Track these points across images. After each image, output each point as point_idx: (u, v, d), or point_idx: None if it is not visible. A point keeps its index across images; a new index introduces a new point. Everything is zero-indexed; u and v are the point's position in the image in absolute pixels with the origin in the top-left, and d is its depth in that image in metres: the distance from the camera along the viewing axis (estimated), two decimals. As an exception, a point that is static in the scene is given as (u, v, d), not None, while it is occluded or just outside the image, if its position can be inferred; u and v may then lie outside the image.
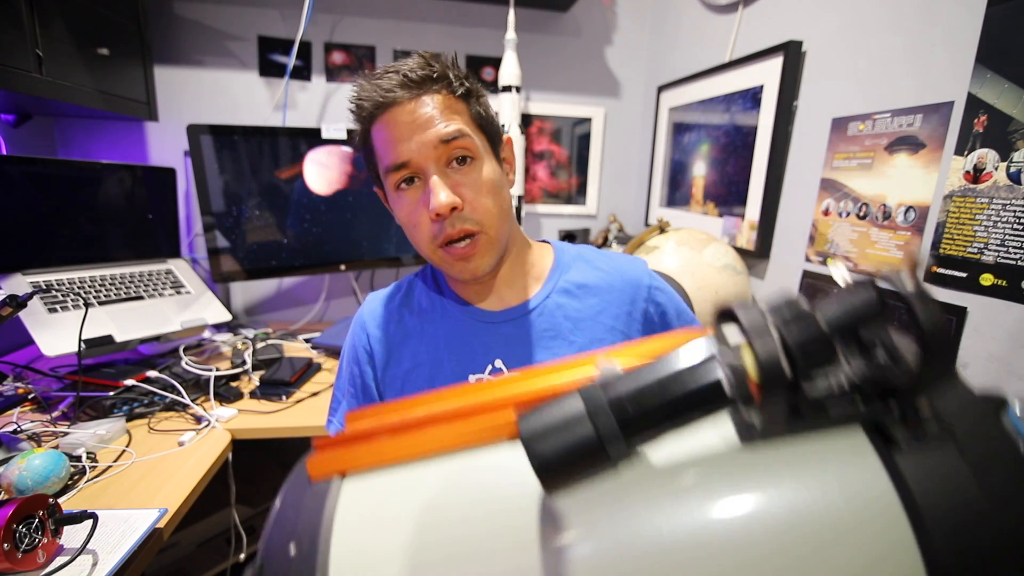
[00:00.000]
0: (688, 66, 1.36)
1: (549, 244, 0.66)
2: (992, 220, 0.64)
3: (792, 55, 0.96)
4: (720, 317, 0.23)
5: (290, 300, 1.56)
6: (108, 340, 0.98)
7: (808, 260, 0.95)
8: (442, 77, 0.56)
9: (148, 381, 0.93)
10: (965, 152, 0.67)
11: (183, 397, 0.92)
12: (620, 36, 1.62)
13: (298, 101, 1.48)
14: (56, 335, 0.91)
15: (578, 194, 1.71)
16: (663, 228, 1.14)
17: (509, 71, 1.37)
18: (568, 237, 1.68)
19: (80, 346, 0.88)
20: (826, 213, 0.91)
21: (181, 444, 0.80)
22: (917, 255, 0.75)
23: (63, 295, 1.00)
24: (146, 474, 0.73)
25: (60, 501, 0.58)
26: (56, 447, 0.74)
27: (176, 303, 1.16)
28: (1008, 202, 0.62)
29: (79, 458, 0.72)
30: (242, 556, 1.02)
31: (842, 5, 0.88)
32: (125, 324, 1.03)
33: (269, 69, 1.44)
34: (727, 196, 1.19)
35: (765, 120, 1.04)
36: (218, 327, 1.28)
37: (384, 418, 0.28)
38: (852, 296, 0.22)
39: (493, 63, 1.55)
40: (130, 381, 0.91)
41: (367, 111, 0.56)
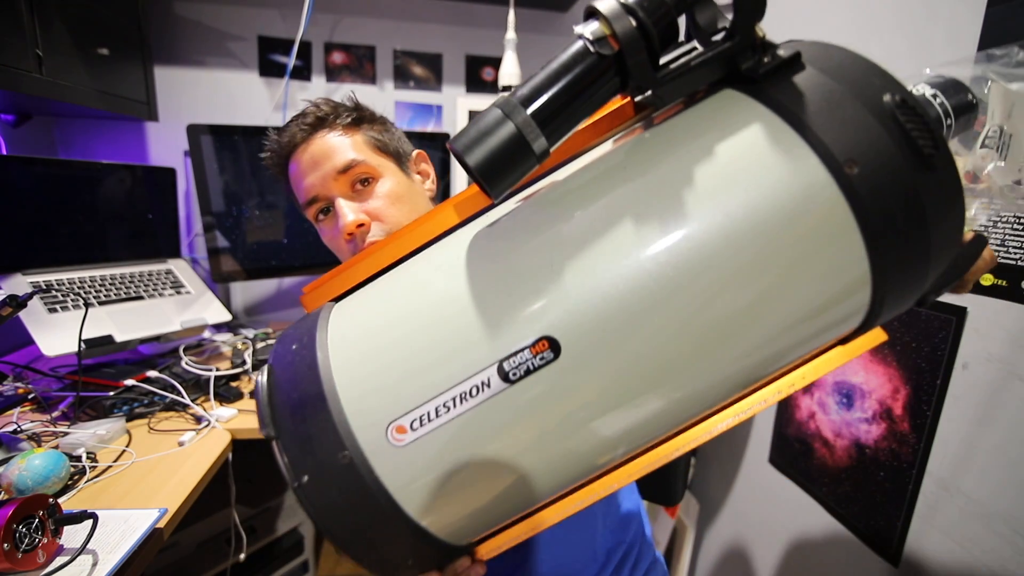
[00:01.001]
0: (688, 66, 1.36)
1: None
2: (992, 220, 0.64)
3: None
4: (588, 16, 0.27)
5: (290, 300, 1.56)
6: (108, 340, 0.98)
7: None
8: (330, 114, 0.63)
9: (148, 381, 0.93)
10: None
11: (183, 397, 0.92)
12: (620, 36, 1.62)
13: (298, 101, 1.47)
14: (56, 335, 0.91)
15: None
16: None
17: (509, 71, 1.37)
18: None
19: (80, 346, 0.88)
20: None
21: (181, 444, 0.80)
22: None
23: (63, 295, 1.00)
24: (146, 474, 0.73)
25: (60, 501, 0.58)
26: (56, 447, 0.74)
27: (176, 303, 1.16)
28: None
29: (79, 458, 0.72)
30: (242, 556, 1.01)
31: (842, 5, 0.88)
32: (125, 324, 1.03)
33: (269, 69, 1.44)
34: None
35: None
36: (218, 327, 1.28)
37: (340, 273, 0.37)
38: None
39: (493, 63, 1.55)
40: (130, 381, 0.91)
41: (276, 161, 0.65)
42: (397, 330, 0.29)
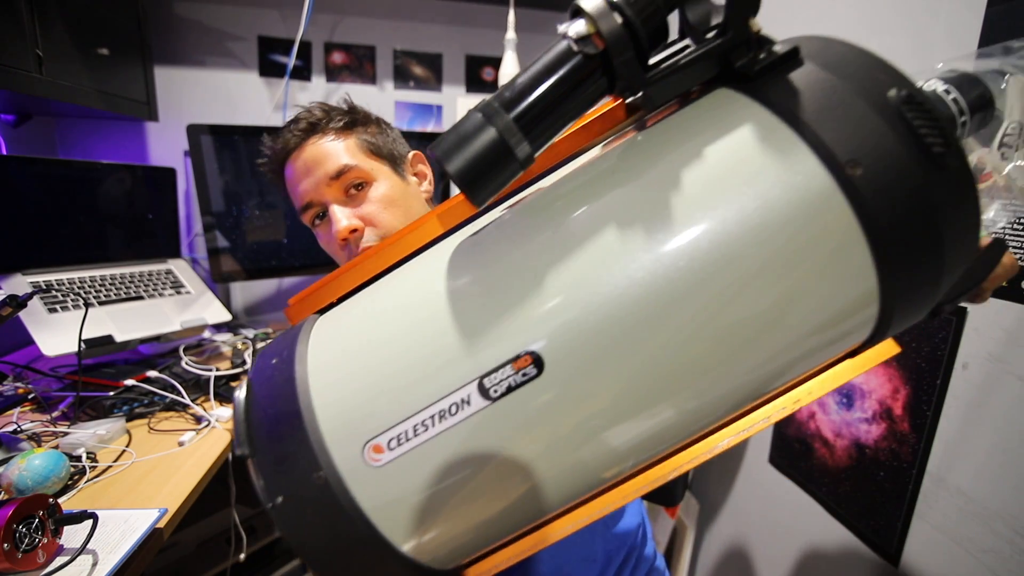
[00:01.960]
0: (688, 66, 1.36)
1: None
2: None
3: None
4: (572, 15, 0.26)
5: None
6: (108, 340, 0.98)
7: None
8: (323, 119, 0.63)
9: (148, 381, 0.93)
10: (965, 152, 0.67)
11: (183, 397, 0.92)
12: (620, 36, 1.62)
13: (298, 101, 1.47)
14: (56, 335, 0.91)
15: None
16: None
17: (509, 71, 1.37)
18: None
19: (80, 346, 0.88)
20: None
21: (181, 444, 0.80)
22: None
23: (63, 295, 1.00)
24: (146, 474, 0.72)
25: (60, 501, 0.57)
26: (56, 447, 0.74)
27: (176, 303, 1.16)
28: (1008, 202, 0.62)
29: (79, 458, 0.72)
30: (242, 556, 1.01)
31: (842, 5, 0.88)
32: (125, 324, 1.03)
33: (269, 69, 1.44)
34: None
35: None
36: (218, 327, 1.28)
37: (324, 285, 0.37)
38: None
39: (493, 63, 1.55)
40: (130, 381, 0.91)
41: (271, 167, 0.65)
42: (377, 346, 0.28)
